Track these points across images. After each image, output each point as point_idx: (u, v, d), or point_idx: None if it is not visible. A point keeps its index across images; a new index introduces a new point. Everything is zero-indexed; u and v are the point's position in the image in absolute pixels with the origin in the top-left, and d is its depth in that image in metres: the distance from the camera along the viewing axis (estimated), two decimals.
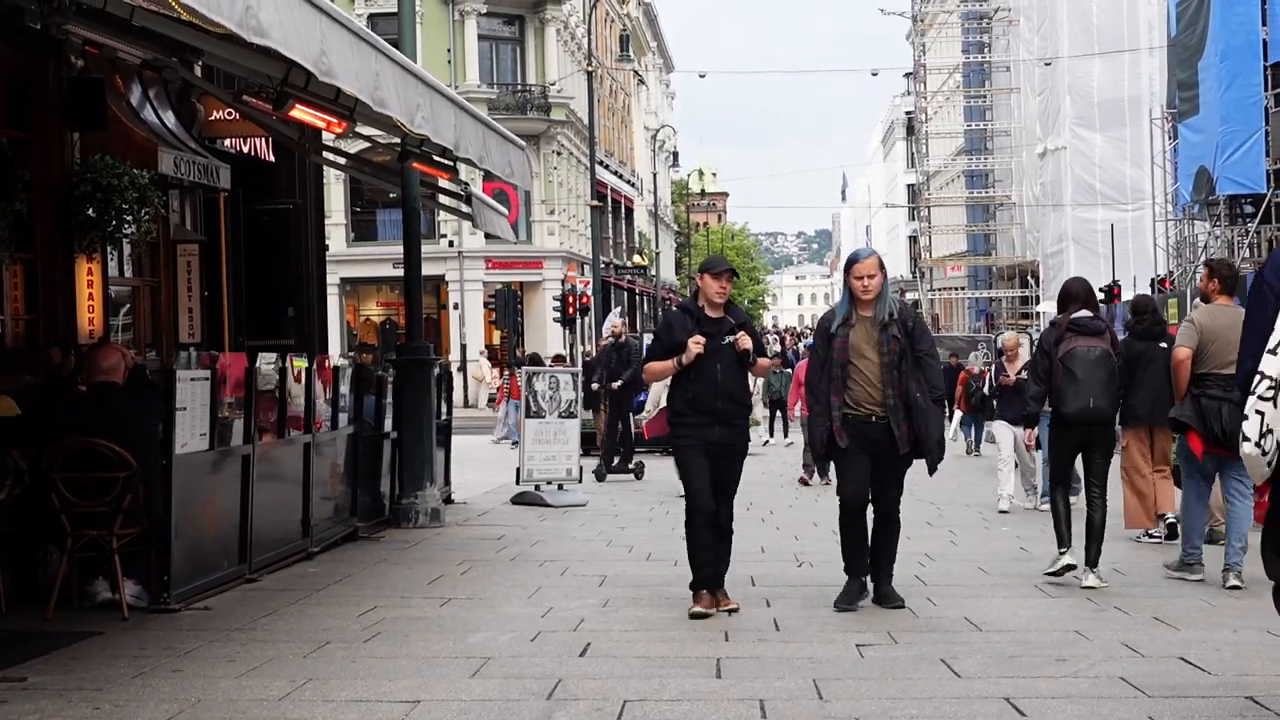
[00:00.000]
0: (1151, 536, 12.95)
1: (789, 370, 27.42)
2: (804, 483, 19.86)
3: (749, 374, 9.70)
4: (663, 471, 21.81)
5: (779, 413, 29.36)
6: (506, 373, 31.12)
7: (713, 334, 9.34)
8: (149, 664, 7.75)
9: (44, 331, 12.48)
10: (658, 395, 20.87)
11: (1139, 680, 7.15)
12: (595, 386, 21.43)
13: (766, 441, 28.60)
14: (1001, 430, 16.84)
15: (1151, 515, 12.89)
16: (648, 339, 24.33)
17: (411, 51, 14.44)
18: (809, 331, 68.75)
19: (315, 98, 11.99)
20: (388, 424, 14.86)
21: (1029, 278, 62.21)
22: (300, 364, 12.12)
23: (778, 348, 44.75)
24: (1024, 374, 14.67)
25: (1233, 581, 10.16)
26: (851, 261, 9.65)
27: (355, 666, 7.70)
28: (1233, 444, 9.46)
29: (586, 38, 51.31)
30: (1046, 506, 14.01)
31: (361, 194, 49.67)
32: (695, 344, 9.22)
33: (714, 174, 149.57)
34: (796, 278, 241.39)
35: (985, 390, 21.26)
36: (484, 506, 16.93)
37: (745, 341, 9.34)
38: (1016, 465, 16.57)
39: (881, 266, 9.63)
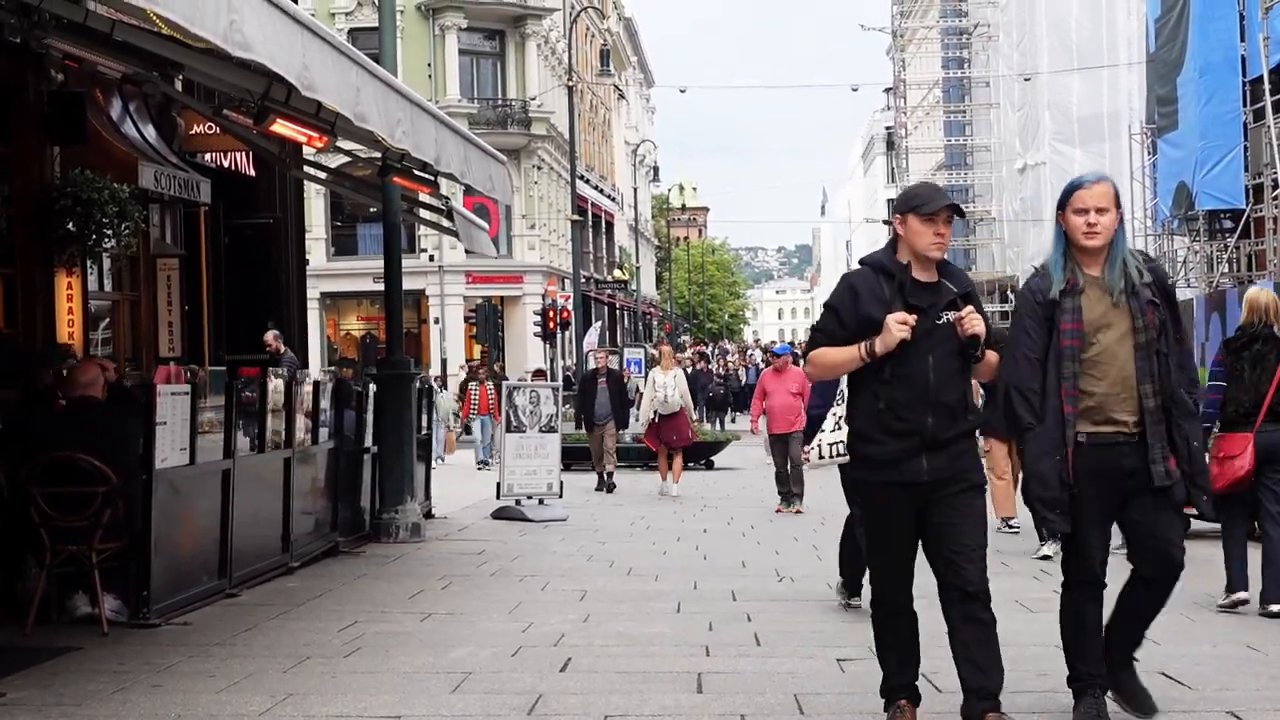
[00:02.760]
0: (1010, 527, 14.46)
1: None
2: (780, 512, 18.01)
3: (972, 374, 6.32)
4: (642, 483, 21.83)
5: None
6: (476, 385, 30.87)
7: (923, 308, 6.09)
8: (128, 679, 7.72)
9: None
10: (650, 402, 20.91)
11: None
12: None
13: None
14: None
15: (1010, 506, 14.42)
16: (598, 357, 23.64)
17: (392, 66, 14.44)
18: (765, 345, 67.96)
19: (296, 112, 11.98)
20: (368, 439, 14.84)
21: (1009, 292, 62.33)
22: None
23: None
24: None
25: None
26: (1073, 188, 6.29)
27: (335, 682, 7.67)
28: None
29: (567, 52, 51.29)
30: None
31: (342, 208, 49.67)
32: (899, 324, 5.99)
33: (694, 188, 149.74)
34: (777, 292, 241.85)
35: None
36: (464, 521, 16.91)
37: (974, 323, 6.07)
38: None
39: (1117, 201, 6.27)
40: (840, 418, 6.96)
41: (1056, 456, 6.11)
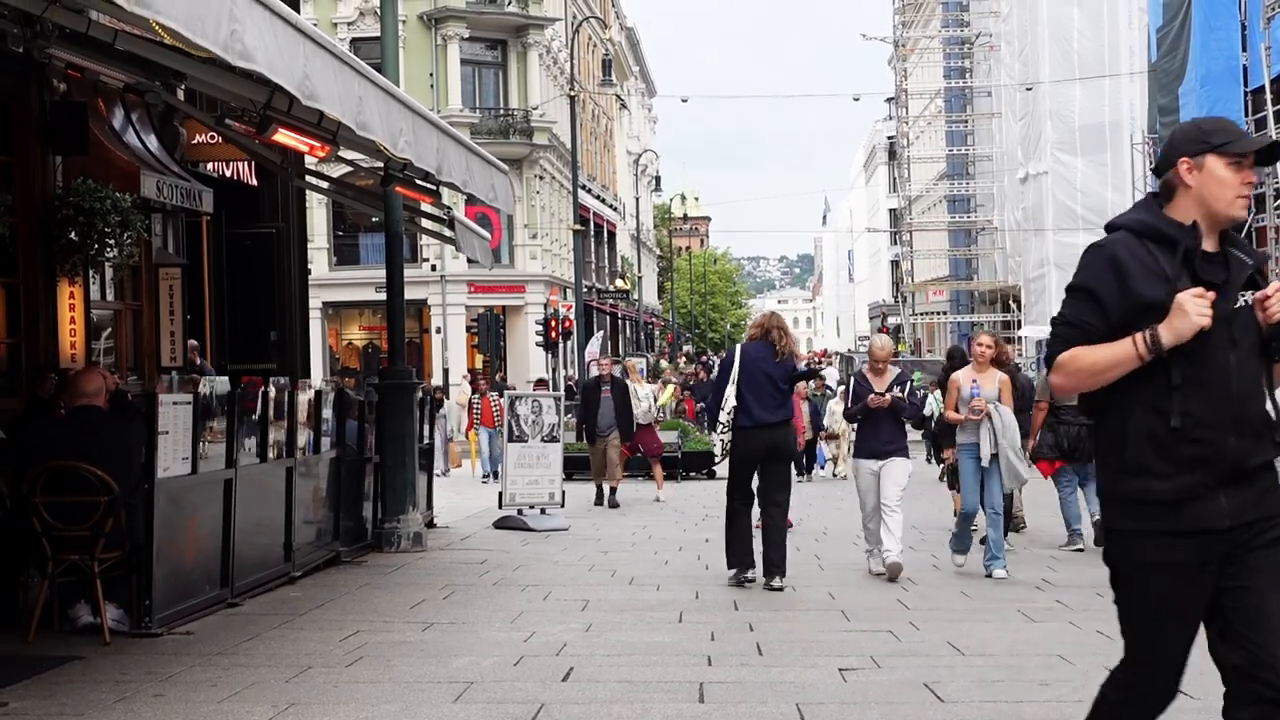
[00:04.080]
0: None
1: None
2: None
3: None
4: (644, 493, 21.79)
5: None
6: (476, 394, 30.82)
7: (1218, 285, 4.27)
8: (130, 689, 7.72)
9: (26, 355, 12.44)
10: (650, 402, 20.85)
11: None
12: None
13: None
14: (864, 469, 12.90)
15: None
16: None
17: (394, 75, 14.46)
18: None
19: (298, 121, 11.98)
20: (370, 448, 14.83)
21: (1011, 302, 62.31)
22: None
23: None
24: (896, 391, 12.60)
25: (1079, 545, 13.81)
26: None
27: (337, 691, 7.67)
28: (1077, 455, 13.87)
29: (569, 62, 51.35)
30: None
31: (344, 218, 49.73)
32: (1196, 306, 4.13)
33: (696, 198, 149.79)
34: (779, 302, 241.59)
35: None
36: (466, 531, 16.90)
37: None
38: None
39: None
40: (729, 417, 6.84)
41: None
